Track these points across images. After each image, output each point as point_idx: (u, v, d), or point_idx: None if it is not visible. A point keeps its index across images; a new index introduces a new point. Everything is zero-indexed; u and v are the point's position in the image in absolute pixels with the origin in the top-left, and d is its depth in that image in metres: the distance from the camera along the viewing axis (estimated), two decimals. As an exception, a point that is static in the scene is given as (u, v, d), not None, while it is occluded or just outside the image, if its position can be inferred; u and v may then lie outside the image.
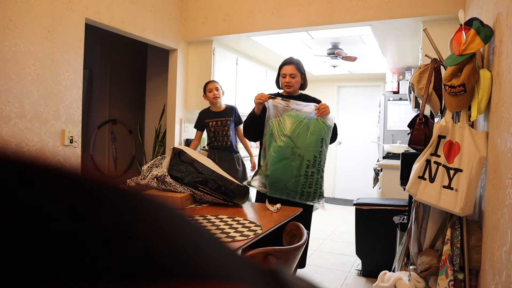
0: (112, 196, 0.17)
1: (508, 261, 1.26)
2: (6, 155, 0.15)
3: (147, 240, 0.17)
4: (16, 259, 0.13)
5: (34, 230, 0.14)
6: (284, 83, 2.45)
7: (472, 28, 1.72)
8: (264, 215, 1.79)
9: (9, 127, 2.40)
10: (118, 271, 0.15)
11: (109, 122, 4.76)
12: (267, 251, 1.25)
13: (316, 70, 5.87)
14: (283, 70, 2.47)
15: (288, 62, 2.47)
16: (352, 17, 3.23)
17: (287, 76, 2.44)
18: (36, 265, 0.14)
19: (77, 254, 0.14)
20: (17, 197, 0.15)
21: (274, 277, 0.22)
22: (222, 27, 3.78)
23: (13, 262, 0.13)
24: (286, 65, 2.46)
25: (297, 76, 2.45)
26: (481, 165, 1.73)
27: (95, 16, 2.97)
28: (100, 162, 4.65)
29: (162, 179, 1.88)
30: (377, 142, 5.18)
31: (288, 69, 2.44)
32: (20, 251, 0.14)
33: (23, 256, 0.13)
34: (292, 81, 2.44)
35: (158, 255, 0.16)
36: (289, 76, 2.43)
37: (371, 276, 2.86)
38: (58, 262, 0.14)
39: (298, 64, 2.47)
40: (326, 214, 5.12)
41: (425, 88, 2.01)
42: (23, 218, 0.14)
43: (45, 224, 0.14)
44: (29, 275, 0.13)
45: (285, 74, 2.45)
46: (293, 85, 2.45)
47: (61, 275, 0.14)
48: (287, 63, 2.47)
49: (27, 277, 0.13)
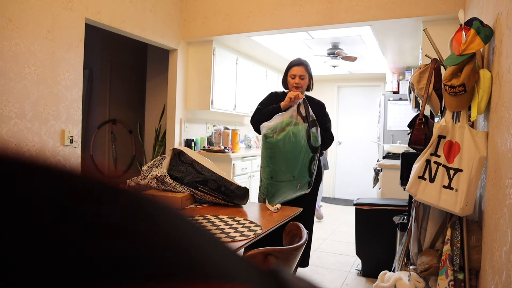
0: (112, 196, 0.17)
1: (508, 261, 1.26)
2: (6, 155, 0.15)
3: (147, 240, 0.17)
4: (16, 259, 0.13)
5: (34, 230, 0.14)
6: (294, 84, 2.43)
7: (472, 28, 1.72)
8: (264, 215, 1.79)
9: (9, 127, 2.40)
10: (118, 271, 0.15)
11: (109, 122, 4.76)
12: (267, 251, 1.25)
13: (316, 70, 5.87)
14: (292, 71, 2.44)
15: (298, 63, 2.44)
16: (352, 17, 3.23)
17: (297, 77, 2.42)
18: (36, 265, 0.14)
19: (77, 254, 0.14)
20: (17, 197, 0.15)
21: (274, 277, 0.22)
22: (222, 27, 3.78)
23: (13, 262, 0.13)
24: (296, 66, 2.43)
25: (306, 77, 2.44)
26: (481, 165, 1.73)
27: (95, 16, 2.97)
28: (100, 162, 4.65)
29: (162, 179, 1.88)
30: (377, 142, 5.18)
31: (298, 70, 2.42)
32: (20, 251, 0.14)
33: (23, 256, 0.13)
34: (301, 82, 2.42)
35: (158, 255, 0.16)
36: (299, 77, 2.42)
37: (371, 276, 2.86)
38: (58, 262, 0.14)
39: (307, 66, 2.46)
40: (326, 214, 5.12)
41: (425, 88, 2.01)
42: (23, 218, 0.14)
43: (45, 224, 0.14)
44: (29, 275, 0.13)
45: (294, 75, 2.43)
46: (301, 86, 2.44)
47: (61, 275, 0.14)
48: (296, 64, 2.45)
49: (27, 277, 0.13)
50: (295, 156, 2.15)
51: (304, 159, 2.18)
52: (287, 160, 2.14)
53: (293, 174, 2.16)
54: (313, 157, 2.24)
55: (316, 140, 2.26)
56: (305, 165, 2.20)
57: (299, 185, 2.21)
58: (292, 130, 2.14)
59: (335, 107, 6.58)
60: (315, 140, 2.25)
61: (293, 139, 2.14)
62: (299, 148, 2.15)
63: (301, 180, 2.21)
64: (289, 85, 2.47)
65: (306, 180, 2.24)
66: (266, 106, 2.44)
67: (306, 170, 2.21)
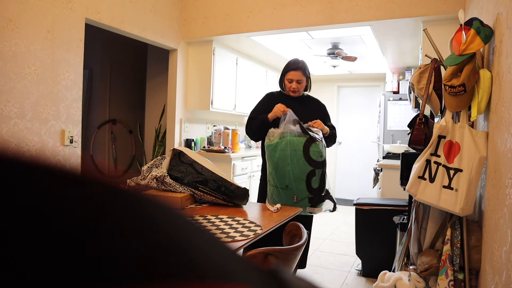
0: (112, 196, 0.17)
1: (508, 261, 1.26)
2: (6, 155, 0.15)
3: (147, 240, 0.17)
4: (16, 259, 0.13)
5: (34, 230, 0.14)
6: (291, 88, 2.41)
7: (472, 28, 1.72)
8: (264, 215, 1.79)
9: (9, 127, 2.40)
10: (118, 271, 0.15)
11: (109, 122, 4.76)
12: (267, 251, 1.25)
13: (316, 70, 5.88)
14: (289, 75, 2.41)
15: (295, 68, 2.40)
16: (352, 17, 3.23)
17: (294, 82, 2.39)
18: (36, 266, 0.14)
19: (77, 254, 0.14)
20: (17, 197, 0.15)
21: (274, 277, 0.22)
22: (222, 27, 3.78)
23: (13, 262, 0.13)
24: (293, 71, 2.39)
25: (303, 81, 2.41)
26: (481, 165, 1.73)
27: (95, 16, 2.97)
28: (100, 162, 4.65)
29: (162, 180, 1.88)
30: (377, 142, 5.18)
31: (295, 75, 2.39)
32: (20, 251, 0.14)
33: (23, 256, 0.13)
34: (298, 86, 2.41)
35: (158, 255, 0.16)
36: (296, 82, 2.39)
37: (371, 276, 2.86)
38: (58, 262, 0.14)
39: (304, 70, 2.41)
40: (326, 214, 5.12)
41: (425, 88, 2.01)
42: (23, 218, 0.14)
43: (45, 224, 0.14)
44: (29, 275, 0.13)
45: (291, 79, 2.40)
46: (298, 90, 2.43)
47: (61, 275, 0.14)
48: (293, 68, 2.40)
49: (27, 277, 0.13)
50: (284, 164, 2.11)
51: (296, 170, 2.10)
52: (277, 167, 2.13)
53: (286, 183, 2.11)
54: (313, 172, 2.13)
55: (319, 155, 2.15)
56: (300, 178, 2.11)
57: (295, 197, 2.12)
58: (289, 140, 2.11)
59: (335, 107, 6.58)
60: (317, 155, 2.14)
61: (286, 148, 2.10)
62: (290, 157, 2.10)
63: (298, 193, 2.12)
64: (286, 88, 2.45)
65: (305, 196, 2.13)
66: (261, 110, 2.43)
67: (303, 183, 2.11)
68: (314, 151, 2.13)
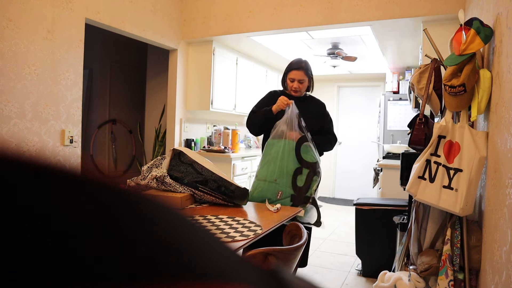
0: (112, 196, 0.17)
1: (508, 261, 1.26)
2: (6, 155, 0.15)
3: (147, 240, 0.17)
4: (16, 259, 0.13)
5: (34, 230, 0.14)
6: (292, 88, 2.40)
7: (472, 28, 1.72)
8: (264, 215, 1.78)
9: (9, 127, 2.40)
10: (118, 271, 0.15)
11: (109, 122, 4.76)
12: (267, 251, 1.25)
13: (316, 70, 5.87)
14: (291, 75, 2.40)
15: (298, 68, 2.39)
16: (352, 17, 3.23)
17: (296, 81, 2.39)
18: (36, 266, 0.14)
19: (77, 254, 0.14)
20: (17, 197, 0.15)
21: (274, 277, 0.22)
22: (222, 27, 3.78)
23: (13, 262, 0.13)
24: (295, 70, 2.39)
25: (305, 81, 2.41)
26: (481, 165, 1.73)
27: (95, 16, 2.97)
28: (100, 162, 4.65)
29: (162, 180, 1.88)
30: (377, 142, 5.18)
31: (297, 75, 2.38)
32: (20, 251, 0.14)
33: (23, 256, 0.13)
34: (300, 86, 2.40)
35: (158, 255, 0.16)
36: (298, 81, 2.39)
37: (371, 276, 2.86)
38: (58, 262, 0.14)
39: (307, 70, 2.41)
40: (326, 214, 5.12)
41: (425, 88, 2.01)
42: (23, 218, 0.14)
43: (45, 224, 0.14)
44: (29, 275, 0.13)
45: (293, 79, 2.39)
46: (300, 90, 2.42)
47: (61, 275, 0.14)
48: (296, 68, 2.39)
49: (27, 277, 0.13)
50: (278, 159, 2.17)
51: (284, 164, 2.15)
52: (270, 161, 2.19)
53: (275, 177, 2.14)
54: (300, 170, 2.15)
55: (310, 155, 2.18)
56: (289, 174, 2.14)
57: (280, 193, 2.12)
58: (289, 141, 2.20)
59: (335, 107, 6.58)
60: (309, 155, 2.17)
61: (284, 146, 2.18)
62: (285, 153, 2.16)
63: (284, 189, 2.13)
64: (288, 88, 2.44)
65: (289, 193, 2.13)
66: (263, 106, 2.43)
67: (289, 179, 2.13)
68: (305, 150, 2.19)
